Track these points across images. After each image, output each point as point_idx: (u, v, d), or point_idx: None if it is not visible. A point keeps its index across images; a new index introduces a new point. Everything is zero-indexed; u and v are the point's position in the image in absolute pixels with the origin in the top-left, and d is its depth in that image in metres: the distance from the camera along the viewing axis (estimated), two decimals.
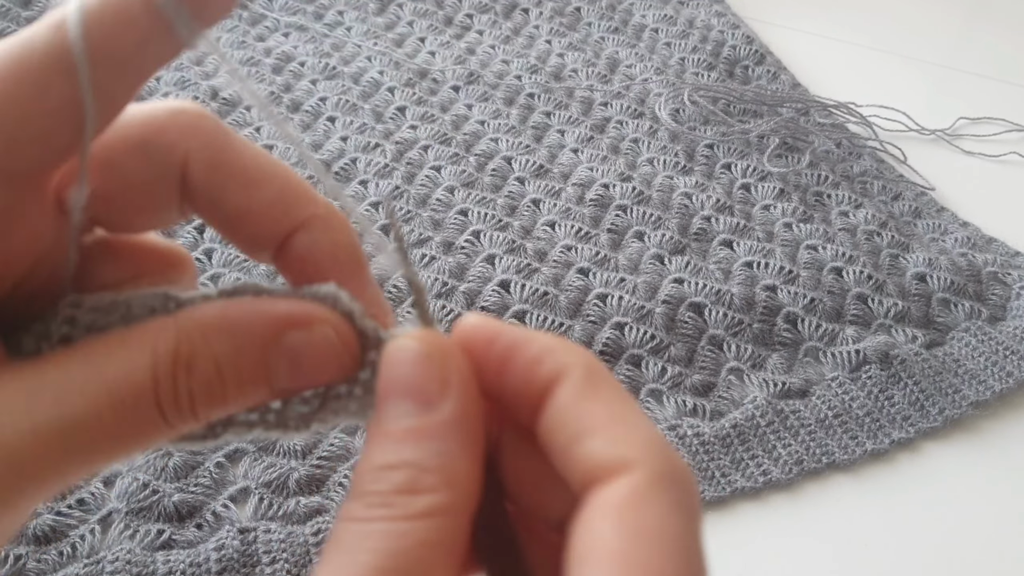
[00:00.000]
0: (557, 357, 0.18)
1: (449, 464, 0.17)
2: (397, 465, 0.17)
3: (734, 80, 0.77)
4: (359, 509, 0.16)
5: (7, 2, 0.79)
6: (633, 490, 0.16)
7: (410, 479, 0.17)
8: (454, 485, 0.17)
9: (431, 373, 0.18)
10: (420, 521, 0.16)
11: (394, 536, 0.16)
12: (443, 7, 0.84)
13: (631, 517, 0.16)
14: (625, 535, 0.15)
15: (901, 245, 0.60)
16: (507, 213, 0.62)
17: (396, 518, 0.16)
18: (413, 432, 0.17)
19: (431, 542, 0.16)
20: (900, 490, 0.47)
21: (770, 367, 0.53)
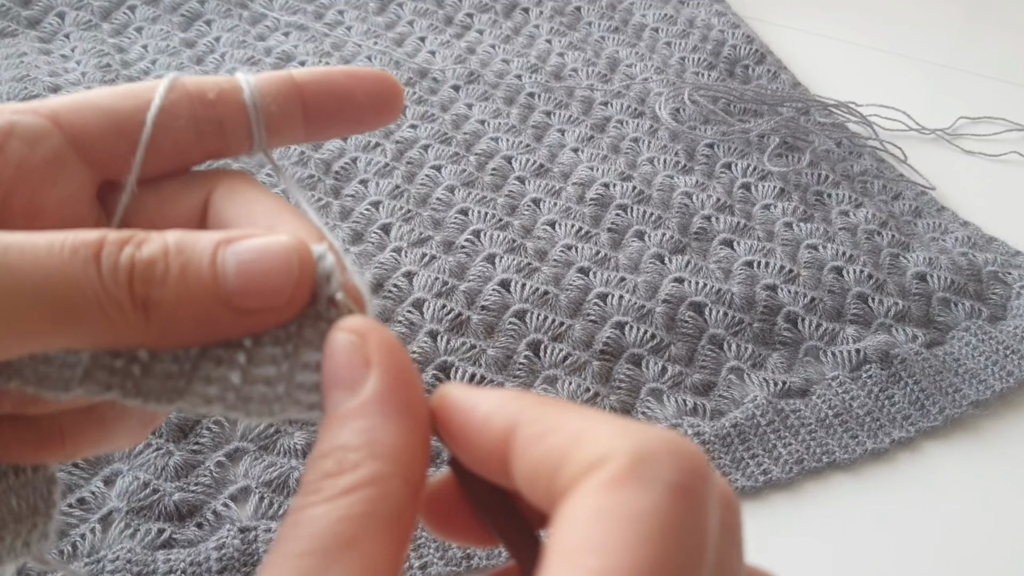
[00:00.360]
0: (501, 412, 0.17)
1: (374, 438, 0.17)
2: (327, 452, 0.17)
3: (734, 79, 0.77)
4: (295, 501, 0.17)
5: (7, 1, 0.79)
6: (604, 478, 0.15)
7: (337, 462, 0.17)
8: (380, 456, 0.17)
9: (353, 359, 0.18)
10: (343, 498, 0.16)
11: (317, 517, 0.16)
12: (443, 6, 0.84)
13: (596, 503, 0.15)
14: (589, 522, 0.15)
15: (901, 244, 0.60)
16: (507, 212, 0.62)
17: (321, 502, 0.16)
18: (340, 417, 0.17)
19: (354, 515, 0.16)
20: (900, 489, 0.47)
21: (770, 366, 0.53)
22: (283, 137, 0.23)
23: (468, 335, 0.53)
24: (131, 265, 0.17)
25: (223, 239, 0.18)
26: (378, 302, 0.55)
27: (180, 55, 0.76)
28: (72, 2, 0.81)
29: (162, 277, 0.17)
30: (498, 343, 0.52)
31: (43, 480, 0.21)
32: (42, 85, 0.69)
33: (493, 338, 0.53)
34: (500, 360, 0.52)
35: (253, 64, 0.75)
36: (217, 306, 0.18)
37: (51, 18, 0.79)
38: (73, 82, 0.70)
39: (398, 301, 0.55)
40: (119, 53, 0.76)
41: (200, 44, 0.78)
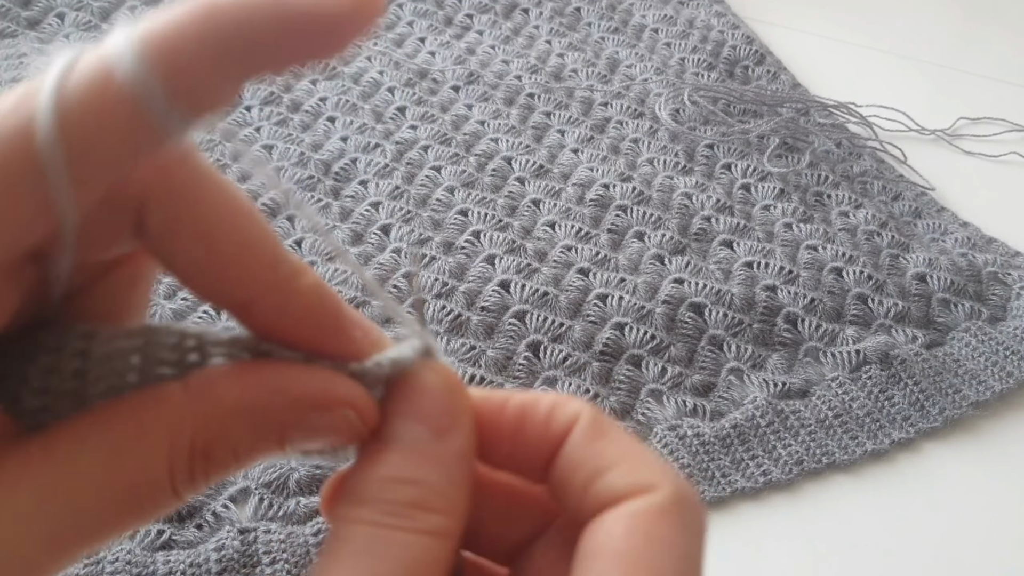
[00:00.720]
0: (565, 409, 0.19)
1: (453, 491, 0.18)
2: (412, 481, 0.18)
3: (734, 80, 0.77)
4: (372, 514, 0.17)
5: (7, 2, 0.79)
6: (650, 504, 0.17)
7: (424, 496, 0.18)
8: (454, 512, 0.18)
9: (446, 405, 0.19)
10: (430, 537, 0.17)
11: (408, 547, 0.17)
12: (443, 7, 0.84)
13: (646, 524, 0.17)
14: (637, 537, 0.17)
15: (901, 245, 0.60)
16: (507, 213, 0.62)
17: (411, 530, 0.17)
18: (426, 455, 0.18)
19: (436, 559, 0.17)
20: (900, 490, 0.47)
21: (770, 367, 0.53)
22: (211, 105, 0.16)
23: (468, 336, 0.53)
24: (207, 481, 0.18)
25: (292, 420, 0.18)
26: (378, 303, 0.55)
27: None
28: (72, 3, 0.81)
29: (233, 473, 0.19)
30: (498, 344, 0.52)
31: None
32: None
33: (493, 339, 0.53)
34: (500, 361, 0.52)
35: None
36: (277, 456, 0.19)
37: (51, 19, 0.79)
38: None
39: (397, 302, 0.55)
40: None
41: None
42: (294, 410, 0.18)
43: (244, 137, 0.66)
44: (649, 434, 0.49)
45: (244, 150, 0.17)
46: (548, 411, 0.19)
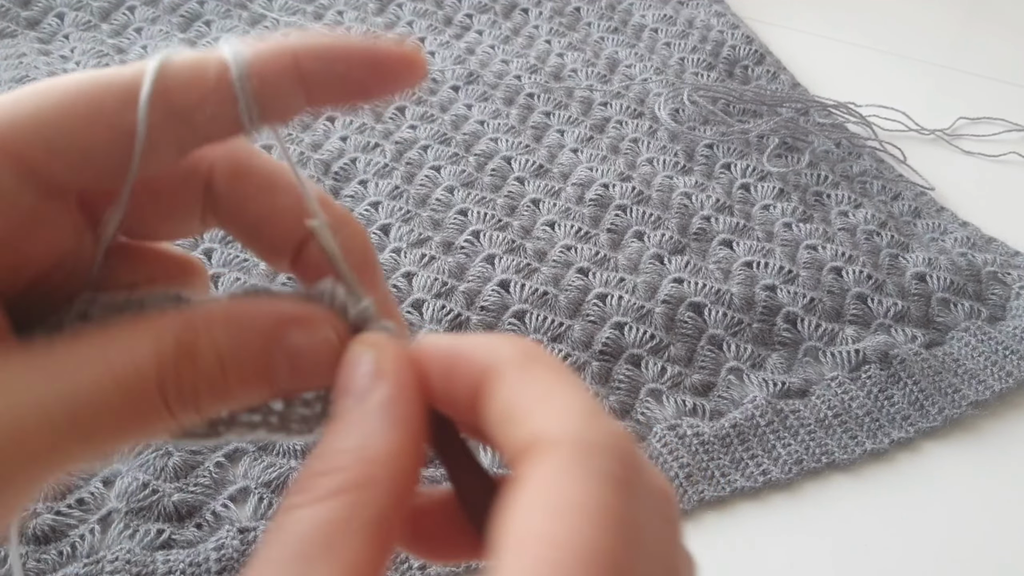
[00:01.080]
0: (491, 350, 0.18)
1: (368, 443, 0.17)
2: (321, 454, 0.17)
3: (734, 80, 0.77)
4: (283, 501, 0.17)
5: (7, 2, 0.79)
6: (551, 466, 0.16)
7: (327, 462, 0.17)
8: (368, 460, 0.17)
9: (363, 369, 0.18)
10: (327, 500, 0.16)
11: (299, 520, 0.16)
12: (442, 7, 0.84)
13: (541, 492, 0.15)
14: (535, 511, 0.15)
15: (901, 245, 0.60)
16: (507, 213, 0.62)
17: (305, 503, 0.16)
18: (344, 422, 0.18)
19: (336, 519, 0.16)
20: (900, 490, 0.47)
21: (770, 367, 0.53)
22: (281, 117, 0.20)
23: None
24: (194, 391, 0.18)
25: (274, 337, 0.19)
26: None
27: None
28: (71, 3, 0.81)
29: (223, 391, 0.18)
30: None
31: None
32: None
33: None
34: None
35: None
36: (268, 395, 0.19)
37: (50, 19, 0.79)
38: None
39: (398, 301, 0.55)
40: (118, 54, 0.76)
41: (199, 45, 0.78)
42: (275, 323, 0.19)
43: None
44: (649, 433, 0.49)
45: None
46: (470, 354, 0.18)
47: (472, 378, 0.18)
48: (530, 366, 0.18)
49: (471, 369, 0.18)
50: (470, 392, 0.18)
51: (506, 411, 0.17)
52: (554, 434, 0.16)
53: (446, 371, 0.18)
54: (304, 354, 0.19)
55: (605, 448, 0.16)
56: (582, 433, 0.16)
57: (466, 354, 0.18)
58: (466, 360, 0.18)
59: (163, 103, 0.18)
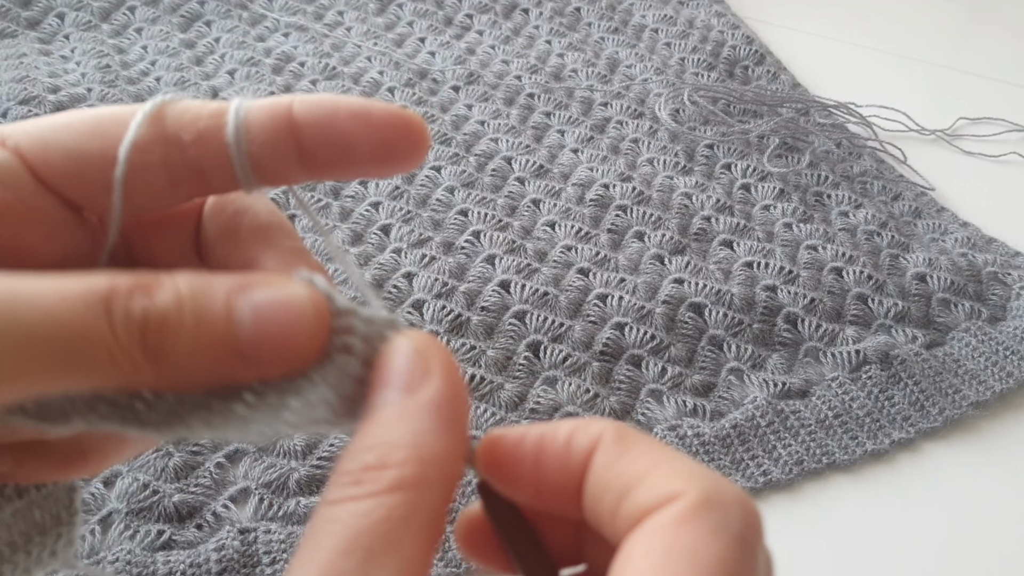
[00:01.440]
0: (585, 432, 0.18)
1: (422, 440, 0.17)
2: (372, 446, 0.17)
3: (734, 80, 0.77)
4: (329, 493, 0.16)
5: (7, 2, 0.79)
6: (676, 514, 0.16)
7: (380, 456, 0.16)
8: (425, 460, 0.17)
9: (414, 363, 0.18)
10: (386, 496, 0.16)
11: (359, 514, 0.16)
12: (443, 7, 0.84)
13: (665, 537, 0.15)
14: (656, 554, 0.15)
15: (901, 245, 0.60)
16: (507, 213, 0.62)
17: (362, 496, 0.16)
18: (391, 415, 0.17)
19: (396, 517, 0.16)
20: (900, 490, 0.47)
21: (770, 367, 0.53)
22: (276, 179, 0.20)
23: (468, 336, 0.53)
24: (144, 317, 0.16)
25: (238, 286, 0.17)
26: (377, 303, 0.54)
27: (180, 56, 0.76)
28: (72, 3, 0.81)
29: (175, 329, 0.17)
30: (498, 344, 0.52)
31: (64, 491, 0.21)
32: (42, 86, 0.69)
33: (493, 339, 0.53)
34: (500, 361, 0.52)
35: (253, 65, 0.75)
36: (229, 356, 0.17)
37: (51, 19, 0.79)
38: (73, 83, 0.70)
39: (398, 302, 0.55)
40: (119, 54, 0.76)
41: (200, 45, 0.78)
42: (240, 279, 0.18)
43: None
44: (649, 434, 0.49)
45: None
46: (567, 436, 0.18)
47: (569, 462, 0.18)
48: (630, 440, 0.18)
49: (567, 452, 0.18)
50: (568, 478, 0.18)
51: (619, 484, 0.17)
52: (677, 490, 0.16)
53: (536, 457, 0.18)
54: (270, 308, 0.17)
55: (732, 506, 0.16)
56: (710, 489, 0.16)
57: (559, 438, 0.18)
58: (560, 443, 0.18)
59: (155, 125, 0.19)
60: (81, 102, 0.68)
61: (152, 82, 0.72)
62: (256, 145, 0.19)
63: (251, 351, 0.17)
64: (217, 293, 0.17)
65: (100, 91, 0.69)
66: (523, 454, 0.18)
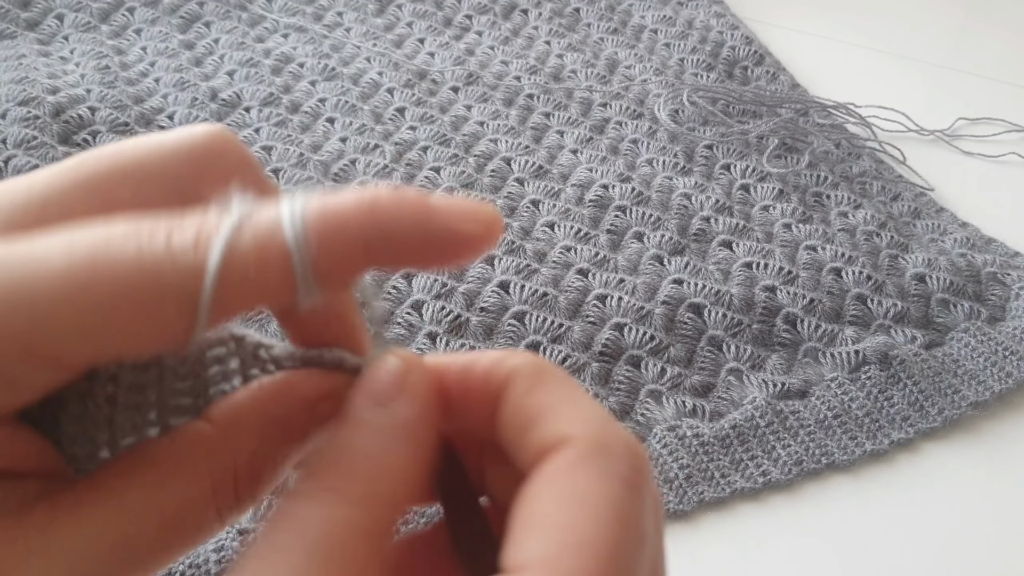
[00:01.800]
0: (504, 365, 0.19)
1: (390, 460, 0.18)
2: (344, 452, 0.18)
3: (733, 81, 0.77)
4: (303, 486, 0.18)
5: (6, 3, 0.79)
6: (567, 461, 0.17)
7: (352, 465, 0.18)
8: (395, 479, 0.18)
9: (391, 378, 0.19)
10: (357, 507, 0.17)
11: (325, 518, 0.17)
12: (442, 8, 0.84)
13: (561, 484, 0.17)
14: (554, 500, 0.16)
15: (900, 246, 0.60)
16: (506, 214, 0.62)
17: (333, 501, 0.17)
18: (366, 426, 0.18)
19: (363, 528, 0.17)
20: (899, 491, 0.47)
21: (769, 368, 0.53)
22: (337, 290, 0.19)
23: (467, 337, 0.53)
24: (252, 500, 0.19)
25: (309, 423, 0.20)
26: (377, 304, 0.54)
27: (179, 57, 0.76)
28: (71, 4, 0.81)
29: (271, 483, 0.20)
30: (497, 345, 0.52)
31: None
32: (41, 87, 0.69)
33: (492, 340, 0.53)
34: None
35: (252, 66, 0.75)
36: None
37: (50, 20, 0.79)
38: (72, 84, 0.70)
39: (397, 303, 0.55)
40: (118, 55, 0.76)
41: (199, 46, 0.78)
42: (305, 408, 0.20)
43: (244, 138, 0.66)
44: (648, 435, 0.49)
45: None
46: (487, 367, 0.19)
47: (487, 391, 0.19)
48: (543, 377, 0.19)
49: (486, 383, 0.19)
50: (486, 406, 0.19)
51: (523, 417, 0.18)
52: (573, 435, 0.17)
53: (461, 386, 0.19)
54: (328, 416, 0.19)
55: (619, 451, 0.17)
56: (599, 436, 0.17)
57: (480, 369, 0.19)
58: (480, 374, 0.19)
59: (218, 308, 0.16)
60: (80, 103, 0.68)
61: (151, 83, 0.72)
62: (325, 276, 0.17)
63: None
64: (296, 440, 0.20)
65: (99, 92, 0.69)
66: (449, 380, 0.19)
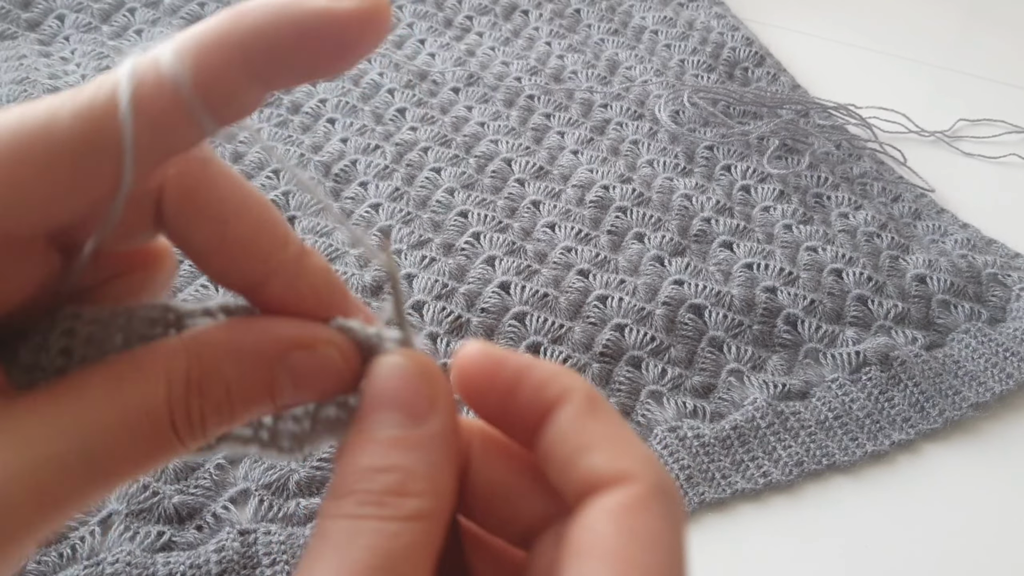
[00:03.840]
0: (561, 381, 0.19)
1: (435, 473, 0.18)
2: (388, 468, 0.18)
3: (734, 82, 0.77)
4: (349, 507, 0.17)
5: (7, 4, 0.79)
6: (633, 497, 0.17)
7: (400, 482, 0.18)
8: (438, 493, 0.18)
9: (421, 390, 0.19)
10: (410, 523, 0.17)
11: (387, 535, 0.17)
12: (443, 9, 0.84)
13: (630, 520, 0.17)
14: (623, 535, 0.17)
15: (901, 247, 0.60)
16: (507, 215, 0.62)
17: (387, 518, 0.17)
18: (403, 441, 0.18)
19: (419, 544, 0.17)
20: (900, 491, 0.47)
21: (770, 369, 0.53)
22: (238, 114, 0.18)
23: (468, 337, 0.53)
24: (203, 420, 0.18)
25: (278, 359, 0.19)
26: (378, 304, 0.54)
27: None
28: (72, 4, 0.81)
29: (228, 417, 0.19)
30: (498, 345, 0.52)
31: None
32: (41, 87, 0.69)
33: (493, 340, 0.53)
34: None
35: None
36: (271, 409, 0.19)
37: (51, 20, 0.79)
38: (73, 84, 0.70)
39: None
40: (119, 56, 0.76)
41: None
42: (279, 348, 0.19)
43: (243, 139, 0.66)
44: (649, 435, 0.49)
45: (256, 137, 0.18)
46: (544, 378, 0.19)
47: (538, 402, 0.19)
48: (596, 405, 0.19)
49: (538, 393, 0.19)
50: (533, 415, 0.19)
51: (576, 443, 0.18)
52: (632, 472, 0.18)
53: (512, 385, 0.19)
54: (307, 372, 0.19)
55: (670, 492, 0.18)
56: (660, 477, 0.18)
57: (536, 376, 0.19)
58: (535, 382, 0.19)
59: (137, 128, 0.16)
60: None
61: None
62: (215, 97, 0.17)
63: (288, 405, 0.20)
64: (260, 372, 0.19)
65: None
66: (500, 378, 0.19)
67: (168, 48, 0.17)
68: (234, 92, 0.17)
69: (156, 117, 0.16)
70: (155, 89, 0.16)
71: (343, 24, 0.17)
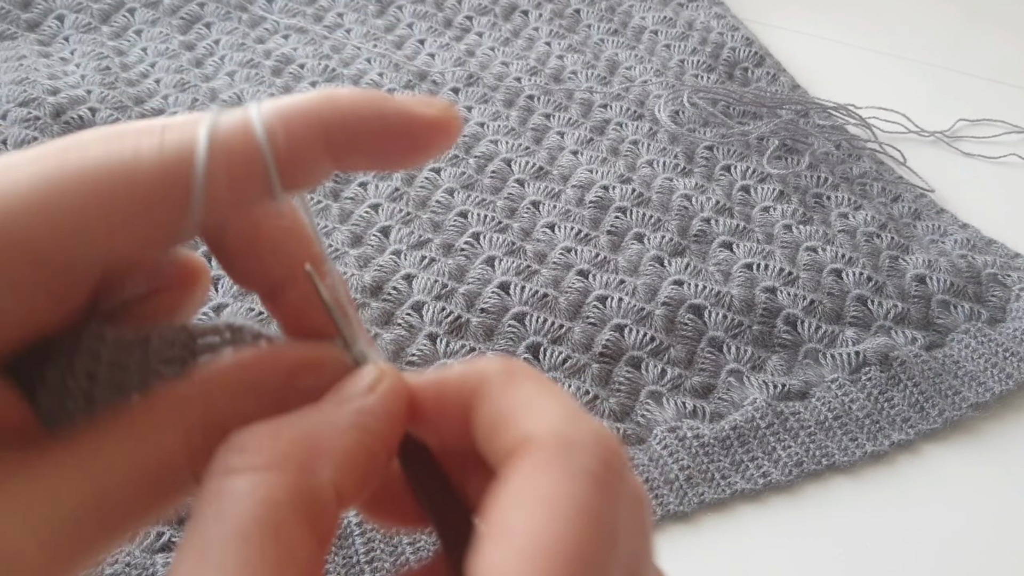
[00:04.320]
0: (475, 370, 0.19)
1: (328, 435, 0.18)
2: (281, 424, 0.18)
3: (734, 82, 0.77)
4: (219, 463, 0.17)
5: (7, 4, 0.79)
6: (531, 462, 0.16)
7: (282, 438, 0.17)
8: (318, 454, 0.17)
9: (367, 383, 0.19)
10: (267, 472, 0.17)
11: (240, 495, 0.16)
12: (443, 9, 0.84)
13: (522, 487, 0.16)
14: (516, 504, 0.16)
15: (901, 247, 0.60)
16: (507, 215, 0.62)
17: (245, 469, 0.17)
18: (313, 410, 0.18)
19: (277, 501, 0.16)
20: (900, 492, 0.47)
21: (770, 369, 0.53)
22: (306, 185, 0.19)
23: (467, 338, 0.53)
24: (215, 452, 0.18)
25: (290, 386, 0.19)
26: (377, 305, 0.55)
27: (179, 58, 0.76)
28: (71, 5, 0.81)
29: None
30: (497, 346, 0.52)
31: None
32: (41, 88, 0.69)
33: (492, 341, 0.53)
34: None
35: (252, 67, 0.75)
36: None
37: (50, 21, 0.79)
38: (72, 85, 0.70)
39: (397, 304, 0.55)
40: (118, 56, 0.76)
41: (199, 47, 0.78)
42: (290, 375, 0.19)
43: None
44: (649, 436, 0.49)
45: None
46: (460, 375, 0.19)
47: (461, 402, 0.19)
48: (513, 379, 0.18)
49: (459, 394, 0.19)
50: (461, 416, 0.19)
51: (493, 421, 0.18)
52: (537, 434, 0.17)
53: (436, 401, 0.19)
54: (314, 392, 0.19)
55: (586, 447, 0.17)
56: (563, 432, 0.17)
57: (452, 380, 0.19)
58: (453, 386, 0.19)
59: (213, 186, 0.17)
60: (81, 104, 0.68)
61: (152, 84, 0.72)
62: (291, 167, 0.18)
63: None
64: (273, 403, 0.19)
65: (100, 93, 0.69)
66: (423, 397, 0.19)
67: (258, 111, 0.18)
68: (311, 166, 0.18)
69: (235, 176, 0.17)
70: (240, 148, 0.17)
71: (423, 128, 0.18)
